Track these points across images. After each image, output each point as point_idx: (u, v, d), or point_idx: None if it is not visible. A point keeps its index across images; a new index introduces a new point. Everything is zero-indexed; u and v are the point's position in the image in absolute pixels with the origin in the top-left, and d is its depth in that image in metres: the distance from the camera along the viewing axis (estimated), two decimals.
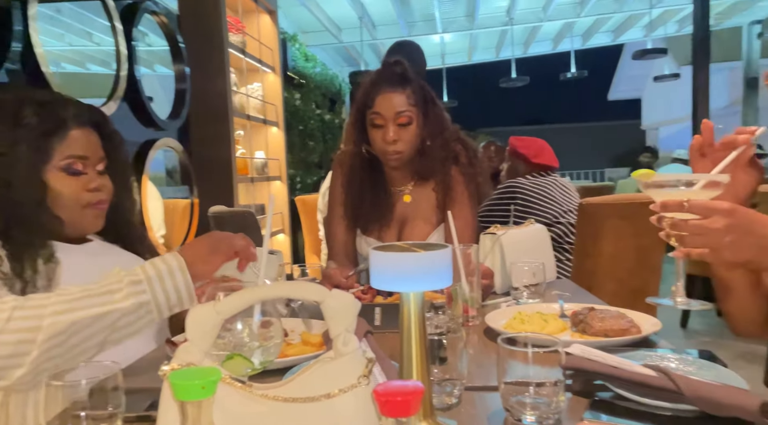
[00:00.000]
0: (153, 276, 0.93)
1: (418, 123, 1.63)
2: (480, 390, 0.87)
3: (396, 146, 1.61)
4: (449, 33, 8.40)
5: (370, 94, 1.62)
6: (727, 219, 0.77)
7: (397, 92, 1.60)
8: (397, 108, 1.59)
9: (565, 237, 2.39)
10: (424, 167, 1.68)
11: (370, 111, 1.62)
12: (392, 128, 1.59)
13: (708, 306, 0.95)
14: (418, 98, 1.62)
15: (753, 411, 0.67)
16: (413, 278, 0.62)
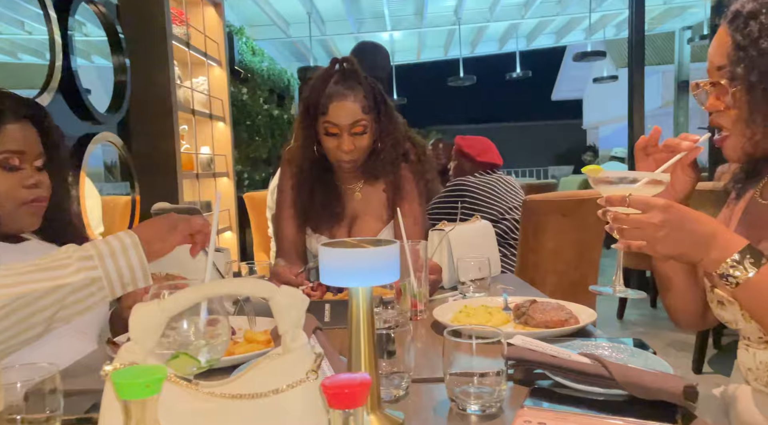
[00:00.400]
0: (105, 252, 0.90)
1: (372, 129, 1.64)
2: (427, 381, 0.89)
3: (352, 155, 1.62)
4: (398, 31, 8.45)
5: (321, 100, 1.60)
6: (663, 215, 0.82)
7: (349, 100, 1.59)
8: (352, 118, 1.59)
9: (510, 233, 2.46)
10: (375, 167, 1.70)
11: (324, 118, 1.61)
12: (347, 139, 1.59)
13: (643, 295, 1.01)
14: (370, 103, 1.62)
15: (677, 393, 0.72)
16: (362, 273, 0.63)
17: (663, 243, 0.82)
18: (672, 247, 0.83)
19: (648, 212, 0.83)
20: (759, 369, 0.91)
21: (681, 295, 1.06)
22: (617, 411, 0.74)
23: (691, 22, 8.33)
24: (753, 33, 0.83)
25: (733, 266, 0.79)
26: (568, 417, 0.72)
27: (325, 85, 1.61)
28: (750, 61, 0.83)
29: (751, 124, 0.86)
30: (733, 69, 0.86)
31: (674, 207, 0.82)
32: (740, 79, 0.85)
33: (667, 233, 0.82)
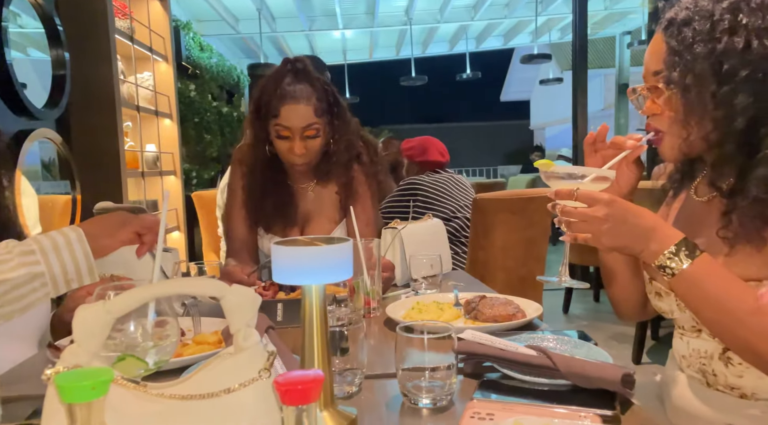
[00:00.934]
0: (48, 247, 0.87)
1: (324, 132, 1.63)
2: (379, 377, 0.90)
3: (303, 158, 1.61)
4: (350, 30, 8.43)
5: (273, 102, 1.58)
6: (607, 209, 0.86)
7: (302, 103, 1.57)
8: (305, 121, 1.57)
9: (461, 231, 2.51)
10: (328, 168, 1.70)
11: (275, 121, 1.59)
12: (299, 142, 1.58)
13: (586, 286, 1.07)
14: (323, 105, 1.61)
15: (615, 381, 0.76)
16: (315, 271, 0.63)
17: (607, 236, 0.87)
18: (615, 239, 0.87)
19: (593, 206, 0.87)
20: (692, 356, 0.97)
21: (624, 287, 1.11)
22: (561, 399, 0.77)
23: (630, 28, 8.69)
24: (687, 39, 0.87)
25: (670, 258, 0.83)
26: (515, 407, 0.75)
27: (276, 85, 1.59)
28: (684, 66, 0.87)
29: (686, 125, 0.90)
30: (669, 73, 0.90)
31: (618, 202, 0.87)
32: (676, 83, 0.89)
33: (611, 227, 0.86)
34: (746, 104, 0.84)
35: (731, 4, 0.86)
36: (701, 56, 0.86)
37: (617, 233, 0.86)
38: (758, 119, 0.84)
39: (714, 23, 0.86)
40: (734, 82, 0.84)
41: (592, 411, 0.72)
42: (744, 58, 0.84)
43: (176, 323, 0.74)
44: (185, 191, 4.22)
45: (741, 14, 0.85)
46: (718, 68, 0.85)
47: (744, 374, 0.88)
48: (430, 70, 9.96)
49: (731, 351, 0.89)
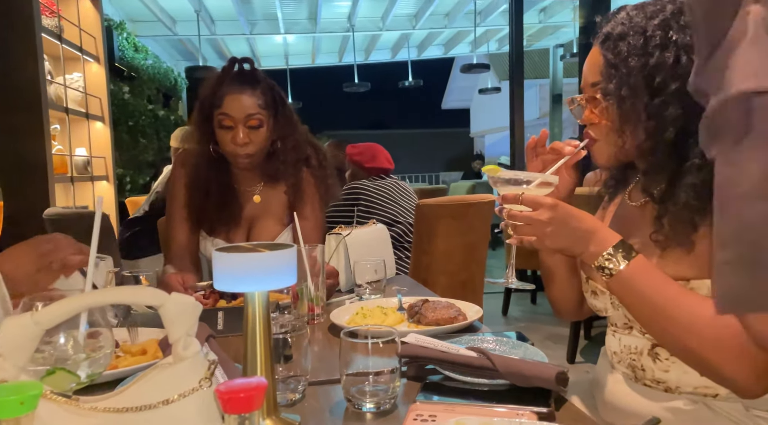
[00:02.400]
0: None
1: (269, 125, 1.61)
2: (323, 383, 0.90)
3: (247, 148, 1.58)
4: (292, 34, 8.38)
5: (217, 93, 1.56)
6: (550, 213, 0.90)
7: (246, 94, 1.56)
8: (248, 110, 1.55)
9: (405, 236, 2.54)
10: (275, 169, 1.67)
11: (218, 111, 1.56)
12: (242, 130, 1.55)
13: (531, 286, 1.13)
14: (268, 100, 1.60)
15: (550, 379, 0.79)
16: (258, 278, 0.63)
17: (550, 238, 0.91)
18: (557, 241, 0.92)
19: (538, 209, 0.91)
20: (623, 353, 1.02)
21: (562, 287, 1.17)
22: (500, 399, 0.80)
23: (563, 41, 9.10)
24: (622, 53, 0.92)
25: (608, 259, 0.88)
26: (456, 408, 0.77)
27: (221, 81, 1.58)
28: (620, 78, 0.92)
29: (621, 134, 0.95)
30: (605, 85, 0.95)
31: (560, 206, 0.91)
32: (612, 94, 0.94)
33: (554, 229, 0.90)
34: (676, 116, 0.89)
35: (662, 22, 0.91)
36: (635, 70, 0.91)
37: (559, 236, 0.91)
38: (687, 129, 0.88)
39: (647, 38, 0.91)
40: (665, 94, 0.89)
41: (528, 409, 0.75)
42: (674, 72, 0.88)
43: (110, 334, 0.71)
44: (118, 197, 4.05)
45: (671, 31, 0.90)
46: (650, 81, 0.90)
47: (670, 368, 0.94)
48: (373, 76, 10.04)
49: (661, 346, 0.94)
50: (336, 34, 8.64)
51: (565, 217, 0.91)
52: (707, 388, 0.91)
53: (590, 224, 0.91)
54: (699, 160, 0.87)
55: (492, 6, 7.62)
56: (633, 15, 0.95)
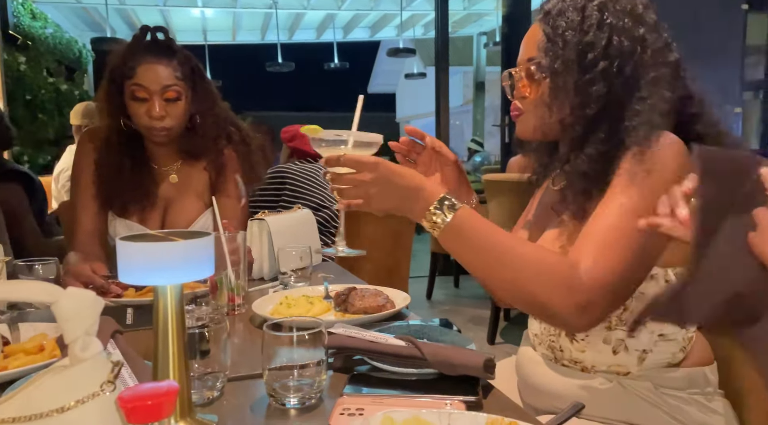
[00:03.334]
0: None
1: (187, 98, 1.51)
2: (244, 379, 0.85)
3: (164, 122, 1.47)
4: (210, 8, 7.98)
5: (128, 63, 1.44)
6: (373, 173, 0.88)
7: (162, 64, 1.45)
8: (164, 81, 1.45)
9: (331, 221, 2.50)
10: (194, 145, 1.57)
11: (131, 82, 1.44)
12: (159, 103, 1.45)
13: (361, 252, 1.11)
14: (186, 71, 1.50)
15: (479, 367, 0.79)
16: (171, 269, 0.57)
17: (376, 199, 0.89)
18: (384, 202, 0.90)
19: (360, 170, 0.89)
20: (543, 334, 1.04)
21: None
22: (428, 389, 0.78)
23: (486, 29, 9.30)
24: (560, 28, 0.94)
25: (435, 214, 0.88)
26: (385, 399, 0.75)
27: (132, 50, 1.46)
28: (554, 53, 0.94)
29: (551, 107, 0.96)
30: (541, 59, 0.96)
31: (382, 164, 0.89)
32: (547, 67, 0.95)
33: (379, 190, 0.88)
34: (600, 94, 0.91)
35: (600, 3, 0.94)
36: (570, 44, 0.93)
37: (386, 196, 0.89)
38: (607, 108, 0.92)
39: (584, 17, 0.93)
40: (594, 72, 0.91)
41: (457, 398, 0.74)
42: (606, 52, 0.91)
43: None
44: None
45: (607, 13, 0.93)
46: (582, 58, 0.92)
47: (585, 349, 0.97)
48: (298, 57, 9.80)
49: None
50: (258, 11, 8.33)
51: (390, 175, 0.89)
52: (619, 366, 0.96)
53: (416, 181, 0.90)
54: (604, 135, 0.90)
55: None
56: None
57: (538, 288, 0.83)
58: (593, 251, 0.83)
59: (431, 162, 1.11)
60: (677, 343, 0.95)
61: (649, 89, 0.90)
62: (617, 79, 0.91)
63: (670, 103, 0.90)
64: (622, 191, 0.86)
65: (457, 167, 1.11)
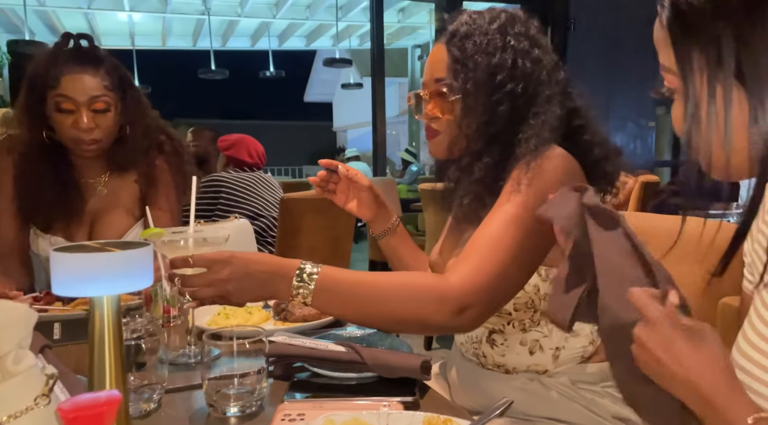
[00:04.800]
0: None
1: (117, 108, 1.46)
2: (182, 390, 0.84)
3: (93, 134, 1.41)
4: (138, 12, 7.71)
5: (51, 73, 1.37)
6: (228, 267, 0.84)
7: (88, 73, 1.40)
8: (92, 92, 1.39)
9: (269, 230, 2.48)
10: (124, 157, 1.51)
11: (55, 93, 1.38)
12: (87, 114, 1.39)
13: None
14: (114, 81, 1.45)
15: (416, 369, 0.82)
16: (107, 280, 0.56)
17: (236, 294, 0.85)
18: (246, 294, 0.86)
19: (213, 267, 0.84)
20: (467, 342, 1.09)
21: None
22: (368, 391, 0.81)
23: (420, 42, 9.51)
24: (469, 49, 0.99)
25: (299, 287, 0.87)
26: (325, 404, 0.76)
27: (55, 55, 1.39)
28: (466, 74, 0.98)
29: (462, 126, 1.01)
30: (451, 81, 1.00)
31: (237, 256, 0.86)
32: (458, 89, 0.99)
33: (237, 284, 0.84)
34: (506, 112, 0.97)
35: (500, 27, 1.00)
36: (480, 67, 0.98)
37: (245, 288, 0.85)
38: (508, 125, 0.98)
39: (489, 40, 0.99)
40: (502, 92, 0.97)
41: (395, 399, 0.77)
42: (512, 73, 0.97)
43: None
44: None
45: (508, 36, 0.99)
46: (492, 79, 0.97)
47: (505, 353, 1.03)
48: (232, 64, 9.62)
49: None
50: (189, 17, 8.13)
51: (246, 265, 0.85)
52: (537, 365, 1.02)
53: (271, 263, 0.88)
54: (500, 146, 0.97)
55: (353, 2, 7.71)
56: (475, 18, 1.02)
57: (413, 309, 0.86)
58: (471, 257, 0.88)
59: (347, 190, 1.15)
60: (586, 337, 1.02)
61: (543, 106, 0.97)
62: (521, 99, 0.98)
63: (560, 120, 0.97)
64: (507, 199, 0.92)
65: (372, 192, 1.15)
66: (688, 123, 0.62)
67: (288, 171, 16.03)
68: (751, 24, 0.56)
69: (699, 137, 0.62)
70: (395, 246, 1.20)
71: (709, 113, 0.60)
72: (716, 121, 0.60)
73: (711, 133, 0.61)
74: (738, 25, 0.57)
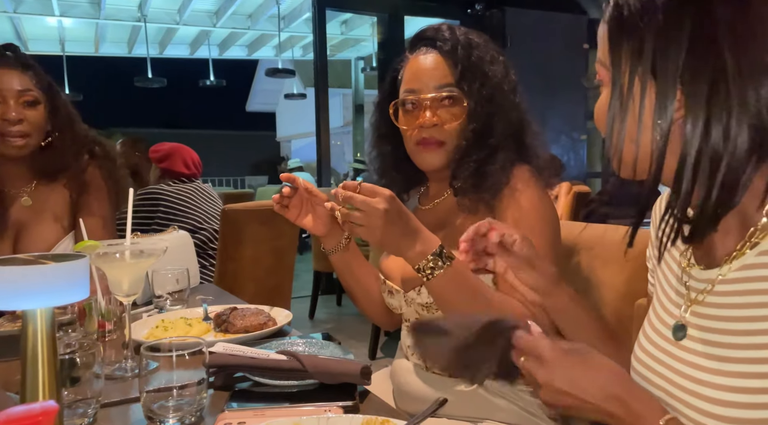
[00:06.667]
0: None
1: (46, 109, 1.44)
2: (118, 404, 0.83)
3: (21, 125, 1.39)
4: (69, 18, 7.39)
5: None
6: (386, 203, 0.88)
7: (17, 71, 1.40)
8: (19, 86, 1.39)
9: (209, 243, 2.44)
10: (52, 163, 1.48)
11: None
12: (15, 106, 1.38)
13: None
14: (43, 84, 1.45)
15: (356, 374, 0.84)
16: (40, 292, 0.56)
17: (381, 230, 0.89)
18: (387, 234, 0.90)
19: (375, 197, 0.89)
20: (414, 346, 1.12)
21: (365, 300, 1.24)
22: (309, 398, 0.82)
23: (363, 54, 9.59)
24: (476, 59, 1.06)
25: (435, 260, 0.92)
26: (267, 412, 0.77)
27: None
28: (482, 82, 1.05)
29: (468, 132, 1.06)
30: (462, 87, 1.06)
31: (396, 199, 0.91)
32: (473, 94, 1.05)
33: (386, 221, 0.88)
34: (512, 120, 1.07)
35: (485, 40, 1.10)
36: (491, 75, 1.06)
37: (390, 229, 0.89)
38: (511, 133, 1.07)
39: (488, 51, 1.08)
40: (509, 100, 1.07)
41: (335, 404, 0.79)
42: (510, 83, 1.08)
43: None
44: None
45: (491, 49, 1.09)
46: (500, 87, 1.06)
47: None
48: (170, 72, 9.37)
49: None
50: (124, 23, 7.86)
51: (400, 210, 0.91)
52: None
53: (417, 222, 0.94)
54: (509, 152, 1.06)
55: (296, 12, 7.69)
56: (464, 30, 1.10)
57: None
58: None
59: (302, 204, 1.13)
60: None
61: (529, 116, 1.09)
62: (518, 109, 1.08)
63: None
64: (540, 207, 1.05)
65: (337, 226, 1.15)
66: (612, 112, 0.66)
67: (230, 182, 15.72)
68: (667, 22, 0.61)
69: (620, 126, 0.65)
70: (348, 261, 1.19)
71: (626, 103, 0.64)
72: (631, 111, 0.64)
73: (625, 124, 0.65)
74: (659, 23, 0.62)
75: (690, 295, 0.68)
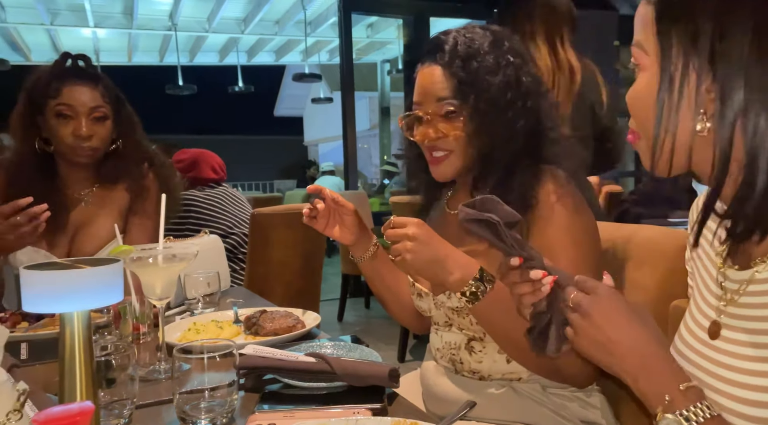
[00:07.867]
0: None
1: (112, 121, 1.53)
2: (153, 405, 0.85)
3: (91, 142, 1.48)
4: (103, 29, 7.61)
5: (53, 84, 1.45)
6: (415, 228, 0.94)
7: (88, 86, 1.48)
8: (92, 103, 1.47)
9: (239, 247, 2.47)
10: (115, 168, 1.57)
11: (55, 102, 1.44)
12: (86, 122, 1.45)
13: None
14: (111, 96, 1.53)
15: (384, 377, 0.84)
16: (77, 296, 0.57)
17: (412, 253, 0.93)
18: (418, 257, 0.93)
19: (406, 226, 0.95)
20: (444, 348, 1.12)
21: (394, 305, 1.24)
22: (338, 400, 0.83)
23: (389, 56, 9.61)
24: (474, 70, 1.01)
25: (476, 286, 0.92)
26: (296, 413, 0.78)
27: (54, 73, 1.47)
28: (477, 94, 1.01)
29: (476, 144, 1.04)
30: (460, 101, 1.02)
31: (425, 225, 0.96)
32: (469, 108, 1.02)
33: (416, 245, 0.93)
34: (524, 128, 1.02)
35: (493, 45, 1.03)
36: (490, 86, 1.01)
37: (421, 253, 0.93)
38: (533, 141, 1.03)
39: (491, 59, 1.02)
40: (515, 109, 1.01)
41: (363, 407, 0.79)
42: (518, 89, 1.02)
43: None
44: None
45: (505, 53, 1.03)
46: (503, 96, 1.01)
47: (482, 360, 1.06)
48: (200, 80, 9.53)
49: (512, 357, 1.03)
50: (156, 32, 8.05)
51: (430, 234, 0.94)
52: (512, 374, 1.05)
53: (449, 247, 0.95)
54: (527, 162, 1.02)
55: (322, 17, 7.76)
56: (469, 36, 1.05)
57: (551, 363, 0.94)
58: None
59: (330, 215, 1.14)
60: None
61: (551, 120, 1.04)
62: (531, 114, 1.03)
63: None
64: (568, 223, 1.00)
65: (356, 216, 1.16)
66: (660, 103, 0.62)
67: (258, 186, 15.91)
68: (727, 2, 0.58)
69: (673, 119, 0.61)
70: (378, 268, 1.20)
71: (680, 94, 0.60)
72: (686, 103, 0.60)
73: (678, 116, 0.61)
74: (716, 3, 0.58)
75: (725, 296, 0.66)
